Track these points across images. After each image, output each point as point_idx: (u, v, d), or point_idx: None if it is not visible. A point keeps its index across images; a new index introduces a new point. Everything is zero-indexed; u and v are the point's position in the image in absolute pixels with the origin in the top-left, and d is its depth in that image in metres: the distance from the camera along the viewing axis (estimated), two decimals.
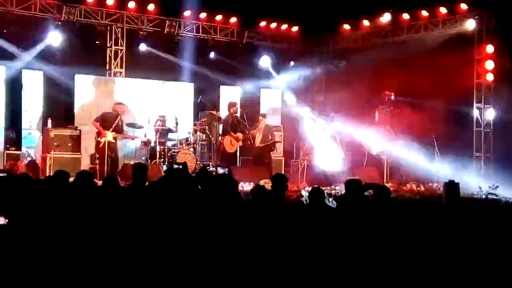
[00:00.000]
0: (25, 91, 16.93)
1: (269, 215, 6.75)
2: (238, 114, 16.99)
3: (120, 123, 15.39)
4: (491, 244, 7.35)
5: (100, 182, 12.09)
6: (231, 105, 16.89)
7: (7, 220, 5.98)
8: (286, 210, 7.42)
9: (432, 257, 6.56)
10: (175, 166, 8.73)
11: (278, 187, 7.80)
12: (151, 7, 18.30)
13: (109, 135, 15.09)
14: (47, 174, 14.37)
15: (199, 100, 18.12)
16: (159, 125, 16.31)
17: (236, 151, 16.61)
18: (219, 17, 19.32)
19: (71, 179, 7.68)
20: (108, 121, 15.20)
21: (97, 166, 15.09)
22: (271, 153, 17.42)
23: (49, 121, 16.06)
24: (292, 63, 20.81)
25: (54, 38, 16.88)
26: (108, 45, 18.16)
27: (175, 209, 6.42)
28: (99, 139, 15.15)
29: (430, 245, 6.91)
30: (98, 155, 15.25)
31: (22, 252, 5.62)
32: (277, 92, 20.67)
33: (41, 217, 6.08)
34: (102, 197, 7.05)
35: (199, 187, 8.41)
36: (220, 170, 8.64)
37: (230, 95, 19.31)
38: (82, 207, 6.43)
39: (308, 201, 7.75)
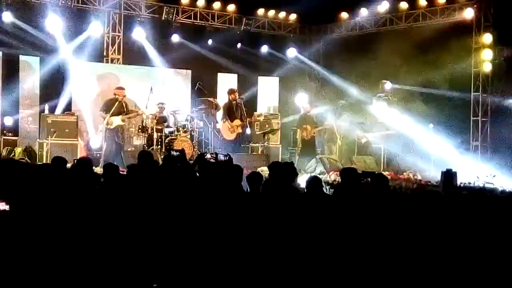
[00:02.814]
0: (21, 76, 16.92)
1: (267, 203, 6.76)
2: (237, 101, 16.92)
3: (124, 106, 15.42)
4: (486, 234, 7.39)
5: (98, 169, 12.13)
6: (230, 91, 16.85)
7: (8, 206, 5.98)
8: (284, 198, 7.43)
9: (429, 245, 6.58)
10: (173, 153, 8.72)
11: (276, 176, 7.84)
12: None
13: (116, 120, 15.15)
14: (44, 161, 14.38)
15: (197, 87, 18.09)
16: (157, 112, 16.29)
17: (236, 138, 16.58)
18: (217, 4, 19.26)
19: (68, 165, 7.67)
20: (112, 107, 15.21)
21: (101, 153, 15.13)
22: (269, 141, 17.47)
23: (46, 107, 16.03)
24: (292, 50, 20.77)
25: (52, 23, 16.80)
26: (106, 31, 18.11)
27: (174, 196, 6.42)
28: (106, 125, 15.14)
29: (426, 233, 6.93)
30: (103, 141, 15.26)
31: (20, 238, 5.62)
32: (275, 79, 20.67)
33: (39, 203, 6.08)
34: (101, 184, 7.05)
35: (197, 174, 8.43)
36: (221, 157, 8.59)
37: (227, 82, 19.29)
38: (80, 194, 6.43)
39: (305, 190, 7.75)
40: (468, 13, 17.27)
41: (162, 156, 14.42)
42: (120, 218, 5.91)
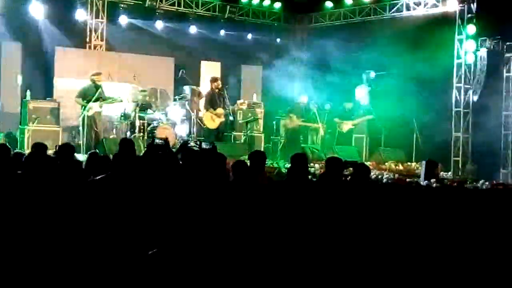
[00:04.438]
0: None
1: (250, 191, 6.76)
2: (220, 90, 16.86)
3: (102, 92, 15.29)
4: (466, 225, 7.46)
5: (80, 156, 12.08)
6: (213, 79, 16.80)
7: None
8: (266, 187, 7.45)
9: (409, 236, 6.63)
10: (157, 141, 8.71)
11: (257, 164, 7.87)
12: None
13: (95, 106, 15.03)
14: (25, 147, 14.30)
15: (180, 75, 18.03)
16: (139, 99, 16.23)
17: (218, 127, 16.56)
18: None
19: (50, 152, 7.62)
20: (90, 93, 15.09)
21: (82, 140, 15.03)
22: (251, 129, 17.48)
23: (28, 93, 15.92)
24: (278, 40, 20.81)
25: (35, 9, 16.65)
26: (89, 18, 17.97)
27: (158, 184, 6.39)
28: (86, 112, 15.00)
29: (406, 223, 6.98)
30: (82, 129, 15.12)
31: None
32: (258, 68, 20.65)
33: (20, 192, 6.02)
34: (86, 172, 7.01)
35: (180, 162, 8.40)
36: (204, 145, 8.59)
37: (211, 70, 19.24)
38: (64, 181, 6.38)
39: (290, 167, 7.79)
40: (452, 4, 17.32)
41: (144, 144, 14.36)
42: (101, 209, 5.89)
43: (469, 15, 16.98)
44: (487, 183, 13.27)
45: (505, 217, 7.91)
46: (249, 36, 20.30)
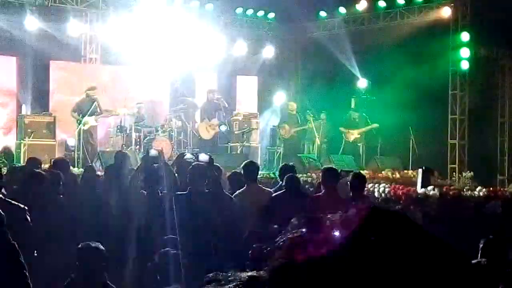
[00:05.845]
0: None
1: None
2: (216, 101, 16.86)
3: (97, 106, 15.29)
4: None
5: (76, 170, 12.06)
6: (210, 91, 16.84)
7: None
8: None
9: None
10: (152, 152, 8.70)
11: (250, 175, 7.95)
12: None
13: (90, 120, 15.03)
14: (22, 161, 14.26)
15: (175, 86, 18.02)
16: (135, 112, 16.23)
17: (213, 137, 16.55)
18: (195, 3, 19.16)
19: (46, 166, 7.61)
20: (85, 107, 15.10)
21: (77, 153, 15.00)
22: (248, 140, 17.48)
23: (23, 107, 15.90)
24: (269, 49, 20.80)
25: (29, 22, 16.66)
26: (83, 31, 17.95)
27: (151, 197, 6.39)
28: (81, 126, 14.98)
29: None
30: (78, 143, 15.10)
31: None
32: (253, 78, 20.65)
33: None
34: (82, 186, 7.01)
35: (176, 174, 8.40)
36: (204, 157, 8.59)
37: (206, 81, 19.23)
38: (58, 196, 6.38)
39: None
40: (445, 12, 17.37)
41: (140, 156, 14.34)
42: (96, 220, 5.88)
43: (463, 23, 17.04)
44: (484, 190, 13.22)
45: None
46: (244, 46, 20.29)
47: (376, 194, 12.33)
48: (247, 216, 7.20)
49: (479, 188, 13.45)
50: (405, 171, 16.11)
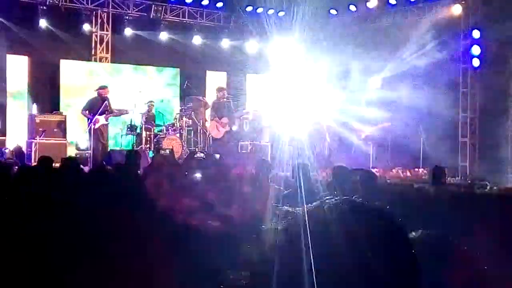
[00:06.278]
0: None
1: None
2: (226, 99, 16.86)
3: (108, 105, 15.34)
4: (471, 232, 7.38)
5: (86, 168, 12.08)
6: (219, 89, 16.83)
7: None
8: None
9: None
10: (162, 152, 8.71)
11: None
12: None
13: (101, 119, 15.07)
14: (33, 160, 14.33)
15: (185, 85, 18.05)
16: (146, 111, 16.26)
17: (224, 136, 16.55)
18: (205, 2, 19.18)
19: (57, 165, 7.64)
20: (96, 107, 15.14)
21: (89, 152, 15.05)
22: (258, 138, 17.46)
23: (34, 107, 15.96)
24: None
25: (41, 22, 16.73)
26: (94, 30, 18.03)
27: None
28: (92, 125, 15.03)
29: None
30: (89, 142, 15.15)
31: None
32: (264, 77, 20.63)
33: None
34: (91, 184, 7.02)
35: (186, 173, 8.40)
36: (215, 156, 8.61)
37: (216, 80, 19.25)
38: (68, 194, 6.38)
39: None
40: (456, 10, 17.29)
41: (151, 155, 14.38)
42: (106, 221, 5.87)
43: (474, 20, 16.96)
44: (495, 187, 13.17)
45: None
46: (254, 45, 20.27)
47: None
48: None
49: (490, 185, 13.41)
50: (416, 169, 16.07)
